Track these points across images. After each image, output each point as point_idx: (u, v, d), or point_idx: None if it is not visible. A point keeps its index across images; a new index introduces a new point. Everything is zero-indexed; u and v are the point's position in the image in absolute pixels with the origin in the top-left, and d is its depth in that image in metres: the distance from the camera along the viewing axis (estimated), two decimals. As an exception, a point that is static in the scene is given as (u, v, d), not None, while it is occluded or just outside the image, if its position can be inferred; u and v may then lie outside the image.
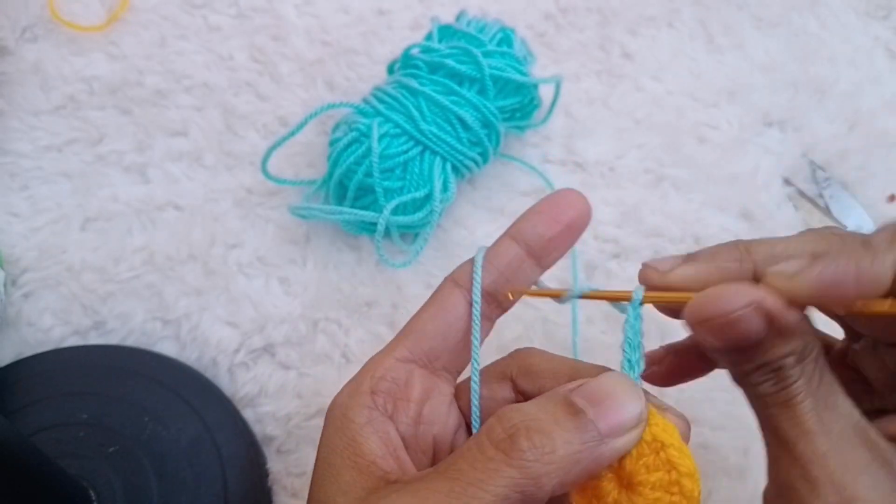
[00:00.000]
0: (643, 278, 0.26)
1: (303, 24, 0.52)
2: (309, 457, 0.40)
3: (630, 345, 0.26)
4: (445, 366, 0.28)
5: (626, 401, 0.23)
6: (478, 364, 0.28)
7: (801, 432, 0.23)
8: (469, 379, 0.28)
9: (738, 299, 0.22)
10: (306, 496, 0.40)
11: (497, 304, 0.28)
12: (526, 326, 0.43)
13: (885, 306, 0.22)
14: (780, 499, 0.24)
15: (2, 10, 0.51)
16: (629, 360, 0.25)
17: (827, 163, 0.49)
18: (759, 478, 0.39)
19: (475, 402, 0.28)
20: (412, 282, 0.44)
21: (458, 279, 0.28)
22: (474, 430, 0.28)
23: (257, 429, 0.41)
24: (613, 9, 0.54)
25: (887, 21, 0.55)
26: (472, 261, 0.28)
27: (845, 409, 0.23)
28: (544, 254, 0.28)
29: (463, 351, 0.28)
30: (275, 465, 0.40)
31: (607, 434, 0.23)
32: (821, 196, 0.48)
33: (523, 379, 0.28)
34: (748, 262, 0.25)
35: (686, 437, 0.25)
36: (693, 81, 0.52)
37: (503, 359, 0.29)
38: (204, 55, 0.51)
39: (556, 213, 0.27)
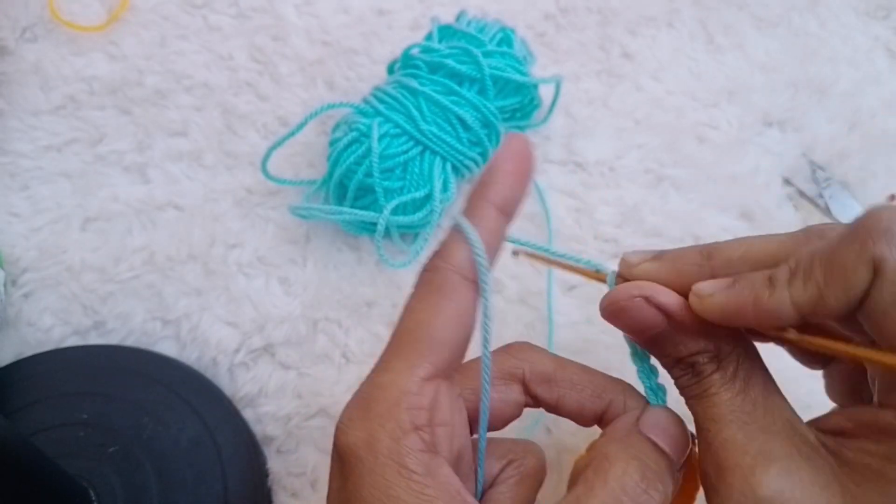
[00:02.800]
0: (619, 264, 0.28)
1: (303, 24, 0.52)
2: (309, 457, 0.40)
3: (644, 372, 0.28)
4: (455, 368, 0.26)
5: (684, 435, 0.26)
6: (489, 373, 0.25)
7: (713, 421, 0.24)
8: (465, 370, 0.27)
9: (630, 291, 0.26)
10: (306, 496, 0.40)
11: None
12: (526, 326, 0.43)
13: (790, 335, 0.24)
14: (703, 487, 0.25)
15: (2, 10, 0.51)
16: (652, 390, 0.28)
17: (827, 163, 0.49)
18: (759, 478, 0.39)
19: (483, 419, 0.26)
20: (412, 281, 0.44)
21: (466, 272, 0.25)
22: (481, 438, 0.26)
23: (257, 429, 0.41)
24: (613, 9, 0.54)
25: (887, 21, 0.55)
26: (467, 246, 0.25)
27: (774, 405, 0.24)
28: (513, 210, 0.26)
29: (466, 347, 0.26)
30: (275, 465, 0.40)
31: (677, 468, 0.25)
32: (821, 196, 0.48)
33: (540, 386, 0.28)
34: (707, 268, 0.26)
35: None
36: (693, 81, 0.52)
37: (504, 356, 0.28)
38: (204, 55, 0.51)
39: (524, 170, 0.26)
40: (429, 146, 0.42)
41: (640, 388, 0.29)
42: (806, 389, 0.29)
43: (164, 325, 0.43)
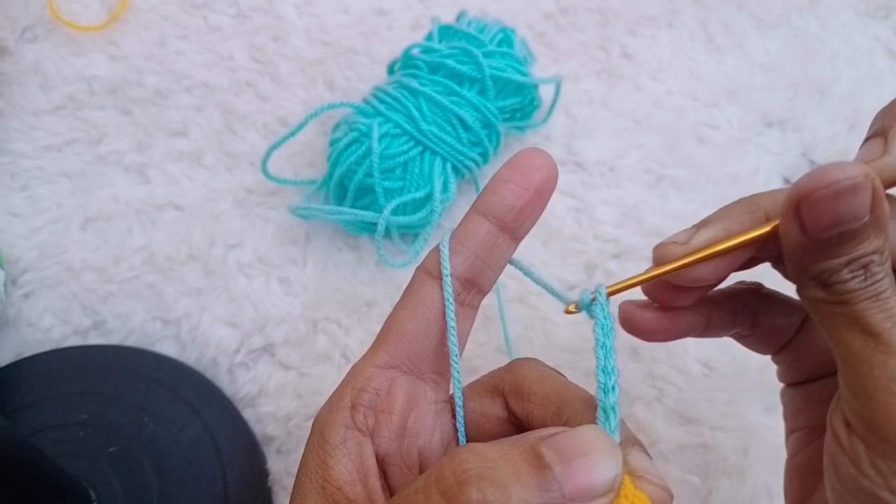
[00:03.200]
0: (664, 257, 0.26)
1: (303, 24, 0.52)
2: (309, 457, 0.40)
3: (604, 388, 0.23)
4: (432, 368, 0.26)
5: (600, 463, 0.20)
6: (458, 370, 0.25)
7: (893, 320, 0.22)
8: (467, 389, 0.26)
9: (855, 168, 0.22)
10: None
11: (478, 289, 0.26)
12: (526, 326, 0.43)
13: None
14: (869, 403, 0.22)
15: (2, 10, 0.51)
16: (603, 409, 0.23)
17: (827, 162, 0.49)
18: (758, 478, 0.40)
19: (460, 417, 0.25)
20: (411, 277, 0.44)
21: (431, 269, 0.25)
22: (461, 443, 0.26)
23: (257, 429, 0.41)
24: (613, 9, 0.54)
25: (887, 21, 0.55)
26: (437, 248, 0.25)
27: None
28: (517, 225, 0.26)
29: (433, 342, 0.25)
30: (275, 465, 0.40)
31: (571, 497, 0.20)
32: None
33: (514, 398, 0.26)
34: (759, 212, 0.25)
35: None
36: (693, 81, 0.52)
37: (499, 370, 0.27)
38: (204, 55, 0.51)
39: (524, 180, 0.25)
40: (429, 146, 0.42)
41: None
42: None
43: (164, 325, 0.43)
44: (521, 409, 0.25)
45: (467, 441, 0.26)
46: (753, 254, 0.26)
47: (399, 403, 0.25)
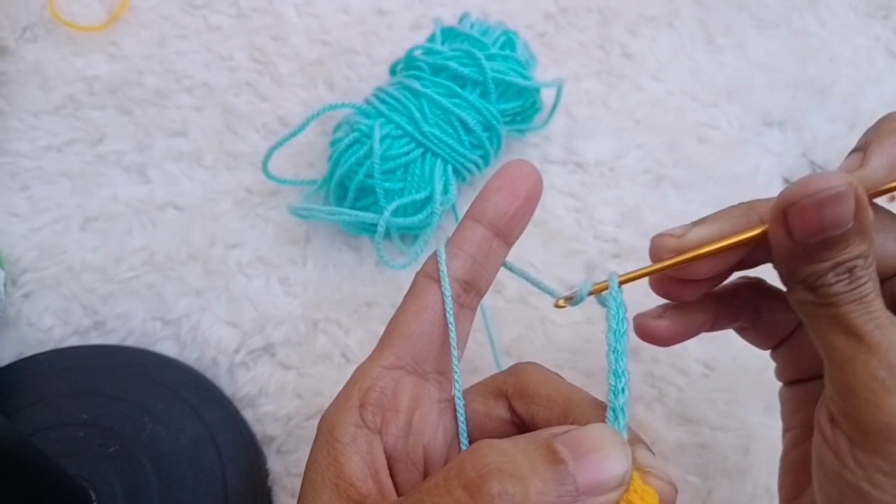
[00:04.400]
0: (659, 247, 0.28)
1: (303, 24, 0.52)
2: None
3: (614, 390, 0.25)
4: (435, 368, 0.27)
5: (611, 459, 0.22)
6: (458, 370, 0.26)
7: (877, 325, 0.23)
8: (470, 390, 0.27)
9: (838, 178, 0.23)
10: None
11: (476, 291, 0.27)
12: (526, 326, 0.43)
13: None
14: (852, 400, 0.23)
15: (2, 10, 0.51)
16: (613, 409, 0.24)
17: (827, 163, 0.49)
18: (758, 478, 0.40)
19: (461, 415, 0.27)
20: (411, 279, 0.44)
21: (431, 272, 0.27)
22: (462, 448, 0.27)
23: (257, 429, 0.41)
24: (613, 9, 0.54)
25: (887, 21, 0.55)
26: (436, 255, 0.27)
27: None
28: (509, 230, 0.27)
29: (437, 342, 0.27)
30: (275, 465, 0.40)
31: (585, 491, 0.21)
32: None
33: (518, 400, 0.27)
34: (754, 216, 0.26)
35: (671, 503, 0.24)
36: (693, 81, 0.52)
37: (502, 373, 0.28)
38: (204, 55, 0.51)
39: (514, 188, 0.27)
40: (430, 148, 0.42)
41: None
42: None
43: (164, 325, 0.43)
44: (525, 410, 0.26)
45: (469, 439, 0.27)
46: (745, 255, 0.27)
47: (405, 402, 0.26)
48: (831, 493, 0.24)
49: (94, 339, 0.43)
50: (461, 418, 0.27)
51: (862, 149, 0.27)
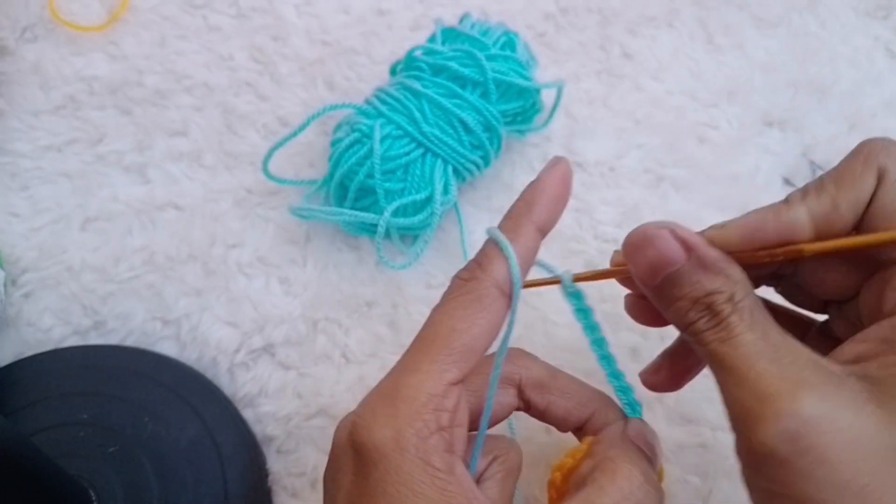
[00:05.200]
0: (614, 260, 0.30)
1: (303, 24, 0.52)
2: (309, 457, 0.40)
3: (616, 380, 0.31)
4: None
5: (658, 445, 0.29)
6: (498, 377, 0.27)
7: (743, 358, 0.24)
8: (478, 380, 0.29)
9: (655, 226, 0.26)
10: (306, 496, 0.40)
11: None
12: (526, 326, 0.43)
13: (809, 247, 0.25)
14: (739, 424, 0.24)
15: (2, 10, 0.51)
16: (629, 405, 0.31)
17: (827, 163, 0.49)
18: (759, 478, 0.39)
19: (487, 414, 0.28)
20: (412, 282, 0.44)
21: (503, 286, 0.26)
22: (480, 435, 0.28)
23: (257, 429, 0.41)
24: (613, 9, 0.54)
25: (887, 21, 0.55)
26: (506, 261, 0.27)
27: (794, 345, 0.24)
28: (549, 229, 0.28)
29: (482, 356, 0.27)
30: (275, 465, 0.40)
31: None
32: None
33: (533, 391, 0.30)
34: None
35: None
36: (693, 81, 0.52)
37: (508, 362, 0.30)
38: (204, 55, 0.51)
39: (565, 194, 0.28)
40: (430, 148, 0.42)
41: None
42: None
43: (164, 325, 0.43)
44: (540, 399, 0.30)
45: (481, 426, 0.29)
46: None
47: (463, 414, 0.26)
48: None
49: (94, 339, 0.43)
50: (487, 411, 0.28)
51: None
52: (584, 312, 0.30)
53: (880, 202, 0.24)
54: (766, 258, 0.26)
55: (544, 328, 0.43)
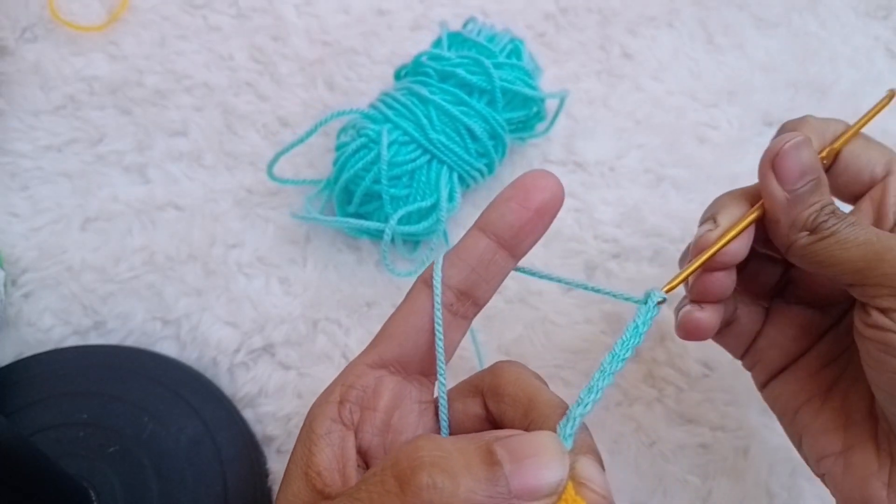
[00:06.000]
0: (705, 240, 0.30)
1: (303, 24, 0.52)
2: (309, 457, 0.40)
3: (579, 401, 0.24)
4: (419, 370, 0.27)
5: (548, 466, 0.22)
6: (444, 375, 0.26)
7: (878, 233, 0.28)
8: (452, 389, 0.28)
9: (795, 132, 0.30)
10: (306, 496, 0.40)
11: (473, 301, 0.27)
12: (526, 326, 0.43)
13: (839, 143, 0.32)
14: (881, 280, 0.27)
15: (2, 10, 0.51)
16: (568, 417, 0.23)
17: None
18: (758, 478, 0.40)
19: (443, 415, 0.27)
20: (412, 282, 0.44)
21: (427, 278, 0.27)
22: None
23: (257, 429, 0.41)
24: (613, 9, 0.54)
25: (887, 21, 0.55)
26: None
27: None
28: (515, 243, 0.26)
29: (422, 345, 0.27)
30: (275, 465, 0.40)
31: (517, 495, 0.21)
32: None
33: (490, 398, 0.27)
34: (747, 197, 0.32)
35: None
36: (693, 81, 0.52)
37: (483, 371, 0.28)
38: (204, 55, 0.51)
39: (525, 199, 0.26)
40: (437, 155, 0.42)
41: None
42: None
43: (164, 325, 0.43)
44: (495, 408, 0.27)
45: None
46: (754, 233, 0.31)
47: (384, 401, 0.26)
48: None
49: (94, 339, 0.43)
50: (443, 422, 0.27)
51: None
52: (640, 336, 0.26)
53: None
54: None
55: (544, 328, 0.43)
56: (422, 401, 0.27)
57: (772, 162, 0.29)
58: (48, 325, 0.43)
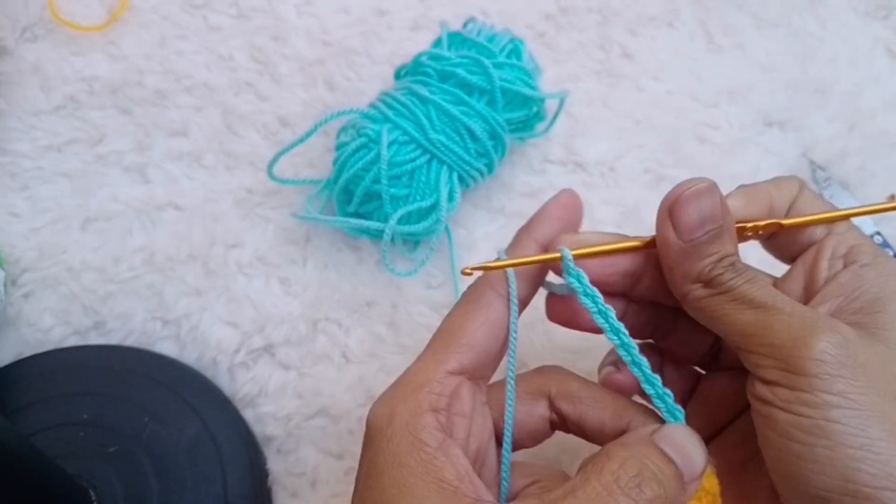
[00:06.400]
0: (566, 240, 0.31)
1: (303, 24, 0.52)
2: (309, 457, 0.40)
3: (651, 385, 0.28)
4: (483, 375, 0.29)
5: (699, 453, 0.26)
6: (513, 381, 0.28)
7: (775, 295, 0.27)
8: (496, 386, 0.29)
9: (701, 179, 0.29)
10: (306, 496, 0.40)
11: (522, 306, 0.30)
12: (526, 326, 0.43)
13: (789, 221, 0.30)
14: (780, 349, 0.25)
15: (2, 10, 0.51)
16: (670, 412, 0.28)
17: (827, 163, 0.49)
18: (759, 478, 0.39)
19: (508, 420, 0.28)
20: (412, 282, 0.44)
21: (500, 289, 0.29)
22: (505, 445, 0.28)
23: (257, 429, 0.41)
24: (613, 9, 0.54)
25: (887, 21, 0.55)
26: (503, 267, 0.29)
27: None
28: (550, 244, 0.30)
29: (498, 358, 0.29)
30: (275, 465, 0.40)
31: (688, 482, 0.25)
32: (821, 196, 0.48)
33: (564, 401, 0.29)
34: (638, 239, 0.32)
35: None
36: (693, 81, 0.52)
37: (534, 374, 0.30)
38: (204, 55, 0.51)
39: (571, 219, 0.32)
40: (436, 155, 0.42)
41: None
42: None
43: (164, 325, 0.43)
44: (572, 410, 0.29)
45: (512, 440, 0.29)
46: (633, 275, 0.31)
47: (468, 407, 0.27)
48: (792, 449, 0.25)
49: (94, 339, 0.43)
50: (508, 428, 0.28)
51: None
52: (603, 314, 0.29)
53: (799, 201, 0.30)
54: (750, 231, 0.30)
55: (544, 328, 0.43)
56: (483, 402, 0.29)
57: (669, 209, 0.28)
58: (48, 325, 0.43)
